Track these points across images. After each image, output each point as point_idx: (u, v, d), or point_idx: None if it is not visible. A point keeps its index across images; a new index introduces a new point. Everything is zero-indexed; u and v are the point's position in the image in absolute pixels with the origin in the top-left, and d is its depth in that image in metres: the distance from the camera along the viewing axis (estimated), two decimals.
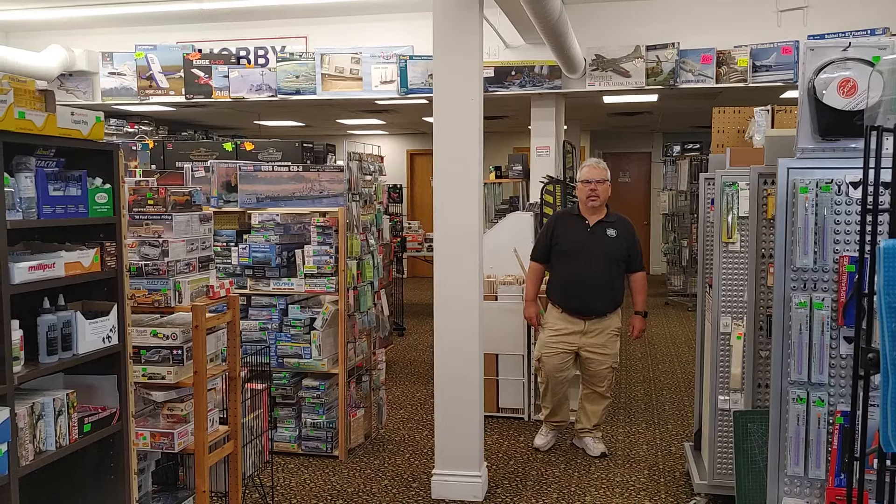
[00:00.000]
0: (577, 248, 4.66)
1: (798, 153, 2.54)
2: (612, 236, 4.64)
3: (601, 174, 4.65)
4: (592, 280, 4.61)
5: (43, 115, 2.47)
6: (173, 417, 3.38)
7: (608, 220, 4.68)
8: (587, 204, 4.65)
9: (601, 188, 4.62)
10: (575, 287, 4.66)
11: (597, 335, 4.71)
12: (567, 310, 4.70)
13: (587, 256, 4.62)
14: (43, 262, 2.50)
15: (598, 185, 4.62)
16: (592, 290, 4.63)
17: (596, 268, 4.62)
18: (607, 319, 4.73)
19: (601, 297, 4.66)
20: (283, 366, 4.89)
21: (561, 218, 4.86)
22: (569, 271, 4.68)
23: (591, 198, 4.62)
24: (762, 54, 6.79)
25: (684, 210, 11.26)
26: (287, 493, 4.39)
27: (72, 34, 8.27)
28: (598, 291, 4.64)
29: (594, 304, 4.67)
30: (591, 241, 4.64)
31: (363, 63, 7.58)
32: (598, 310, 4.68)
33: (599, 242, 4.64)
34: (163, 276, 3.28)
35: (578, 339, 4.71)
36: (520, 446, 5.15)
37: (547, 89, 7.44)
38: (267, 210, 4.94)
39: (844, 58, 2.44)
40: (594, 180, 4.62)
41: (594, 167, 4.66)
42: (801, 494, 2.53)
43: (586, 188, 4.63)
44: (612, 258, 4.64)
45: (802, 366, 2.49)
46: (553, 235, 4.75)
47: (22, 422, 2.44)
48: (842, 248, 2.45)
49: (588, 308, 4.67)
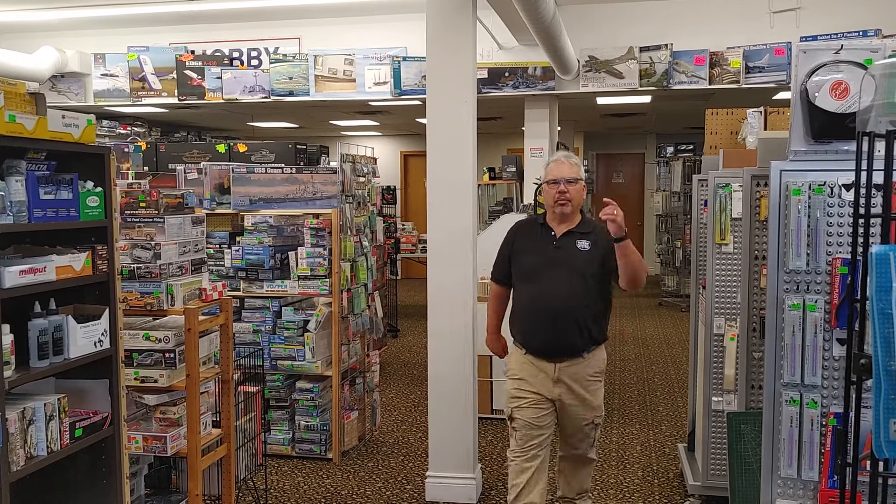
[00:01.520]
0: (538, 266, 3.45)
1: (791, 155, 2.54)
2: (585, 249, 3.38)
3: (572, 171, 3.45)
4: (559, 308, 3.35)
5: (34, 118, 2.46)
6: (166, 421, 3.36)
7: (581, 230, 3.45)
8: (555, 210, 3.45)
9: (573, 189, 3.42)
10: (537, 319, 3.40)
11: (572, 383, 3.39)
12: (530, 350, 3.45)
13: (551, 277, 3.40)
14: (34, 266, 2.48)
15: (569, 186, 3.41)
16: (559, 321, 3.35)
17: (563, 292, 3.36)
18: (584, 361, 3.39)
19: (572, 332, 3.36)
20: (276, 368, 4.88)
21: (522, 228, 3.66)
22: (529, 298, 3.46)
23: (561, 202, 3.41)
24: (755, 55, 6.80)
25: (677, 211, 11.28)
26: (281, 496, 4.38)
27: (64, 35, 8.24)
28: (567, 323, 3.36)
29: (563, 340, 3.37)
30: (556, 258, 3.42)
31: (356, 64, 7.57)
32: (569, 348, 3.38)
33: (568, 258, 3.40)
34: (155, 279, 3.27)
35: (551, 388, 3.41)
36: None
37: (540, 90, 7.44)
38: (260, 212, 4.93)
39: (837, 60, 2.44)
40: (563, 179, 3.42)
41: (563, 163, 3.46)
42: (794, 496, 2.53)
43: (554, 190, 3.43)
44: (584, 277, 3.37)
45: (796, 367, 2.49)
46: (512, 251, 3.60)
47: (13, 427, 2.42)
48: (834, 251, 2.45)
49: (555, 347, 3.39)
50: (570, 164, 3.47)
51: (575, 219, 3.48)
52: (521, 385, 3.47)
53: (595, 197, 14.32)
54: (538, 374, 3.43)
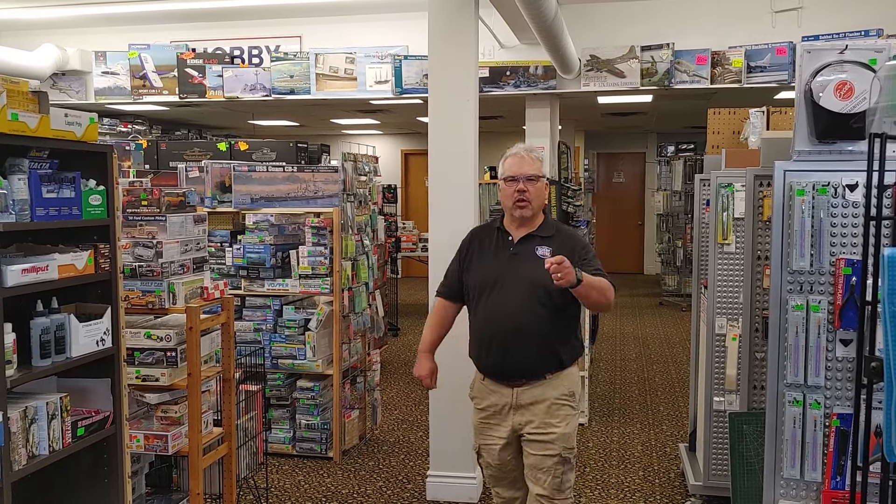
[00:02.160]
0: (491, 276, 3.01)
1: (795, 156, 2.54)
2: (545, 256, 2.82)
3: (533, 167, 3.01)
4: (514, 326, 2.93)
5: (36, 116, 2.45)
6: (167, 419, 3.36)
7: (541, 234, 3.02)
8: (514, 213, 3.02)
9: (534, 188, 2.98)
10: (490, 339, 2.99)
11: (535, 407, 2.97)
12: (486, 373, 3.07)
13: (506, 289, 2.98)
14: (36, 264, 2.48)
15: (529, 185, 2.97)
16: (515, 341, 2.94)
17: (517, 306, 2.94)
18: (546, 384, 2.97)
19: (530, 353, 2.94)
20: (277, 367, 4.88)
21: (478, 235, 3.20)
22: (482, 315, 3.03)
23: (520, 203, 2.98)
24: (757, 55, 6.79)
25: (678, 210, 11.28)
26: (281, 495, 4.38)
27: (65, 33, 8.23)
28: (524, 343, 2.94)
29: (521, 361, 2.95)
30: (512, 267, 2.99)
31: (358, 63, 7.56)
32: (527, 370, 2.97)
33: (525, 267, 2.95)
34: (157, 278, 3.26)
35: (511, 417, 3.01)
36: None
37: (542, 89, 7.44)
38: (261, 211, 4.92)
39: (841, 60, 2.44)
40: (523, 176, 2.98)
41: (522, 157, 3.02)
42: (797, 497, 2.53)
43: (511, 189, 2.99)
44: (544, 289, 2.90)
45: (799, 368, 2.49)
46: (463, 261, 3.16)
47: (15, 426, 2.42)
48: (838, 251, 2.45)
49: (511, 369, 2.98)
50: (530, 159, 3.03)
51: (535, 221, 3.06)
52: (486, 419, 3.10)
53: (595, 196, 14.33)
54: (497, 400, 3.04)
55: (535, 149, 3.11)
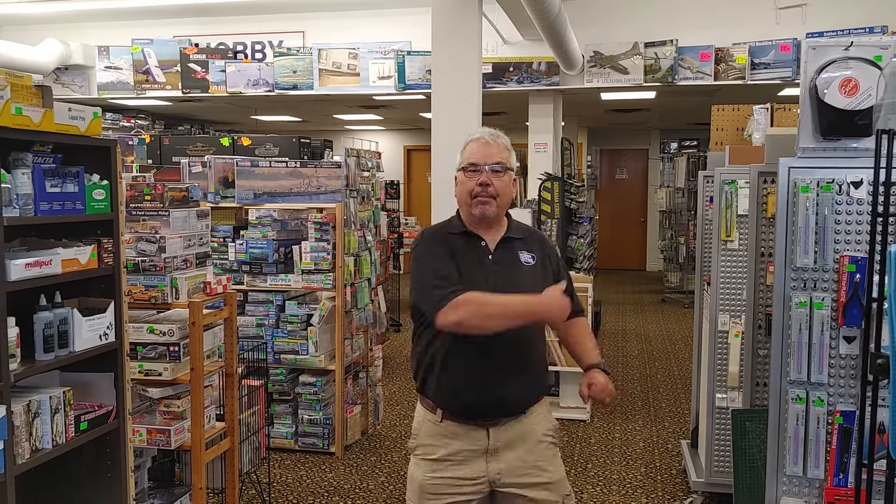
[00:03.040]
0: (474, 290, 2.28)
1: (799, 152, 2.53)
2: (529, 264, 2.43)
3: (501, 154, 2.40)
4: (506, 350, 2.35)
5: (40, 110, 2.45)
6: (170, 414, 3.36)
7: (517, 237, 2.47)
8: (473, 210, 2.39)
9: (500, 182, 2.38)
10: (473, 368, 2.35)
11: (519, 451, 2.39)
12: (453, 412, 2.40)
13: None
14: (39, 259, 2.48)
15: (494, 177, 2.37)
16: (506, 368, 2.37)
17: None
18: (527, 418, 2.42)
19: (520, 380, 2.39)
20: (279, 362, 4.88)
21: (436, 241, 2.46)
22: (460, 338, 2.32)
23: (482, 199, 2.37)
24: (761, 52, 6.78)
25: (681, 207, 11.26)
26: (283, 490, 4.39)
27: (67, 28, 8.24)
28: (515, 369, 2.38)
29: (509, 392, 2.37)
30: (497, 279, 2.37)
31: (361, 58, 7.56)
32: (514, 403, 2.40)
33: (512, 278, 2.39)
34: (160, 273, 3.27)
35: (485, 468, 2.38)
36: None
37: (545, 86, 7.43)
38: (264, 206, 4.92)
39: (846, 57, 2.43)
40: (487, 166, 2.37)
41: (487, 143, 2.41)
42: (799, 494, 2.53)
43: (473, 181, 2.38)
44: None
45: (802, 365, 2.48)
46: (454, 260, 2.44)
47: (18, 420, 2.42)
48: (842, 248, 2.44)
49: (496, 403, 2.37)
50: (497, 146, 2.41)
51: (502, 222, 2.48)
52: (443, 475, 2.40)
53: (598, 193, 14.31)
54: (464, 446, 2.38)
55: (504, 136, 2.48)
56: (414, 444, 2.55)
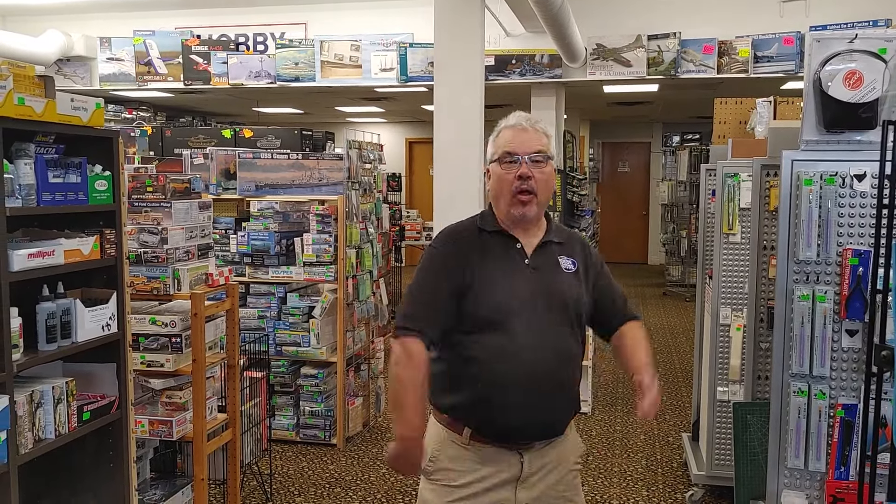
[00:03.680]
0: (510, 302, 2.09)
1: (802, 145, 2.53)
2: (569, 270, 2.17)
3: (540, 142, 2.11)
4: (549, 368, 2.09)
5: (42, 101, 2.45)
6: (172, 405, 3.37)
7: (557, 239, 2.19)
8: (513, 210, 2.10)
9: (542, 175, 2.10)
10: (509, 386, 2.06)
11: (551, 479, 2.15)
12: (486, 433, 2.10)
13: (531, 320, 2.09)
14: (42, 249, 2.48)
15: (534, 169, 2.08)
16: (546, 387, 2.08)
17: (552, 341, 2.11)
18: (562, 441, 2.17)
19: (560, 401, 2.15)
20: (281, 354, 4.89)
21: (462, 240, 2.18)
22: (496, 353, 2.07)
23: (523, 196, 2.08)
24: (764, 45, 6.76)
25: (683, 200, 11.26)
26: (285, 481, 4.40)
27: (69, 19, 8.22)
28: (555, 389, 2.11)
29: (549, 414, 2.12)
30: (536, 287, 2.11)
31: (363, 50, 7.54)
32: (551, 426, 2.15)
33: (553, 287, 2.13)
34: (162, 264, 3.27)
35: (512, 497, 2.11)
36: None
37: (547, 78, 7.42)
38: (266, 198, 4.92)
39: (850, 50, 2.42)
40: (527, 156, 2.08)
41: (525, 130, 2.11)
42: (801, 487, 2.54)
43: (511, 174, 2.08)
44: (577, 315, 2.17)
45: (804, 358, 2.48)
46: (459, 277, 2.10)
47: (21, 410, 2.43)
48: (845, 241, 2.44)
49: (532, 427, 2.11)
50: (535, 131, 2.11)
51: (541, 221, 2.19)
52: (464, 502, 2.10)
53: (600, 186, 14.30)
54: (491, 473, 2.10)
55: (541, 120, 2.19)
56: (432, 467, 2.13)
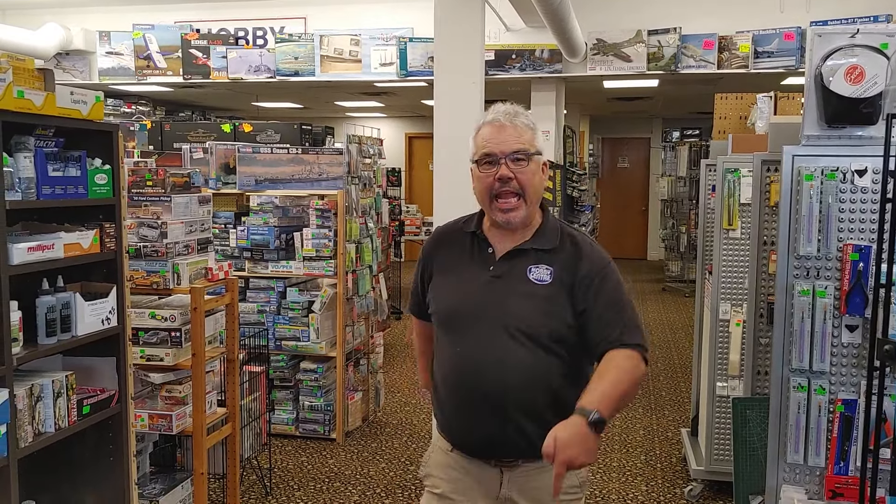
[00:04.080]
0: (462, 307, 2.00)
1: (803, 140, 2.52)
2: (542, 282, 1.94)
3: (517, 138, 1.93)
4: (494, 386, 1.93)
5: (42, 94, 2.44)
6: (171, 399, 3.37)
7: (539, 246, 1.98)
8: (497, 216, 1.96)
9: (524, 173, 1.92)
10: (461, 396, 1.99)
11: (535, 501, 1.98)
12: (456, 444, 2.04)
13: (481, 331, 1.95)
14: (42, 242, 2.48)
15: (516, 168, 1.92)
16: (497, 405, 1.93)
17: (499, 357, 1.93)
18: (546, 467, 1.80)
19: (520, 423, 1.93)
20: (281, 348, 4.89)
21: (444, 239, 2.16)
22: (449, 359, 2.02)
23: (505, 204, 1.93)
24: (764, 40, 6.75)
25: (683, 196, 11.25)
26: (284, 476, 4.40)
27: (68, 13, 8.20)
28: (511, 409, 1.93)
29: (510, 434, 1.94)
30: (492, 296, 1.96)
31: (362, 45, 7.53)
32: (517, 447, 1.95)
33: (511, 298, 1.95)
34: (161, 258, 3.27)
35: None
36: None
37: (547, 73, 7.40)
38: (265, 192, 4.91)
39: (852, 44, 2.42)
40: (505, 155, 1.92)
41: (500, 126, 1.94)
42: (800, 482, 2.54)
43: (490, 175, 1.93)
44: (539, 336, 1.92)
45: (804, 353, 2.48)
46: (425, 276, 2.15)
47: (21, 403, 2.43)
48: (846, 237, 2.43)
49: (497, 442, 1.96)
50: (514, 128, 1.93)
51: (529, 224, 2.00)
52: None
53: (600, 181, 14.30)
54: (471, 486, 2.01)
55: (524, 112, 2.00)
56: (423, 472, 2.11)
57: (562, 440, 1.67)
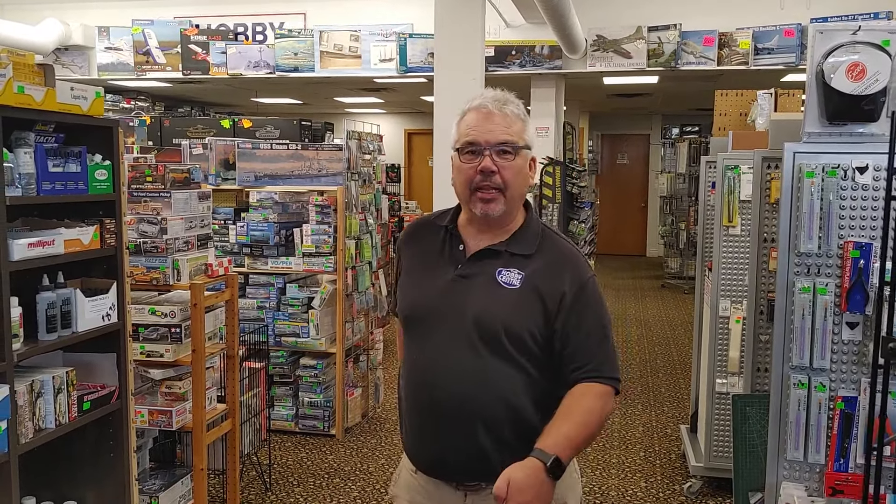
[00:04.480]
0: (423, 307, 1.89)
1: (805, 137, 2.51)
2: (510, 286, 1.79)
3: (506, 128, 1.79)
4: (451, 396, 1.79)
5: (42, 89, 2.44)
6: (171, 395, 3.37)
7: (513, 248, 1.84)
8: (474, 208, 1.83)
9: (509, 168, 1.79)
10: (418, 408, 1.89)
11: None
12: (418, 463, 1.91)
13: (441, 334, 1.83)
14: (42, 239, 2.47)
15: (501, 161, 1.78)
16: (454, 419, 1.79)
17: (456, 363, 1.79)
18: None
19: (485, 438, 1.78)
20: (280, 344, 4.89)
21: (417, 233, 2.02)
22: (410, 365, 1.95)
23: (484, 193, 1.80)
24: (764, 37, 6.75)
25: (682, 193, 11.25)
26: (284, 472, 4.40)
27: (67, 8, 8.18)
28: (468, 425, 1.78)
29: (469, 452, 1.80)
30: (454, 296, 1.83)
31: (362, 41, 7.52)
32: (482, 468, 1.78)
33: (475, 300, 1.80)
34: (161, 254, 3.26)
35: None
36: None
37: (547, 69, 7.40)
38: (265, 188, 4.91)
39: (853, 41, 2.41)
40: (490, 146, 1.78)
41: (488, 113, 1.80)
42: (799, 479, 2.54)
43: (472, 166, 1.81)
44: (501, 343, 1.77)
45: (804, 351, 2.48)
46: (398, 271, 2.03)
47: (21, 399, 2.43)
48: (847, 234, 2.43)
49: (454, 462, 1.82)
50: (503, 116, 1.79)
51: (508, 224, 1.86)
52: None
53: (599, 178, 14.29)
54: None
55: (515, 101, 1.84)
56: (391, 492, 1.99)
57: (516, 484, 1.58)
